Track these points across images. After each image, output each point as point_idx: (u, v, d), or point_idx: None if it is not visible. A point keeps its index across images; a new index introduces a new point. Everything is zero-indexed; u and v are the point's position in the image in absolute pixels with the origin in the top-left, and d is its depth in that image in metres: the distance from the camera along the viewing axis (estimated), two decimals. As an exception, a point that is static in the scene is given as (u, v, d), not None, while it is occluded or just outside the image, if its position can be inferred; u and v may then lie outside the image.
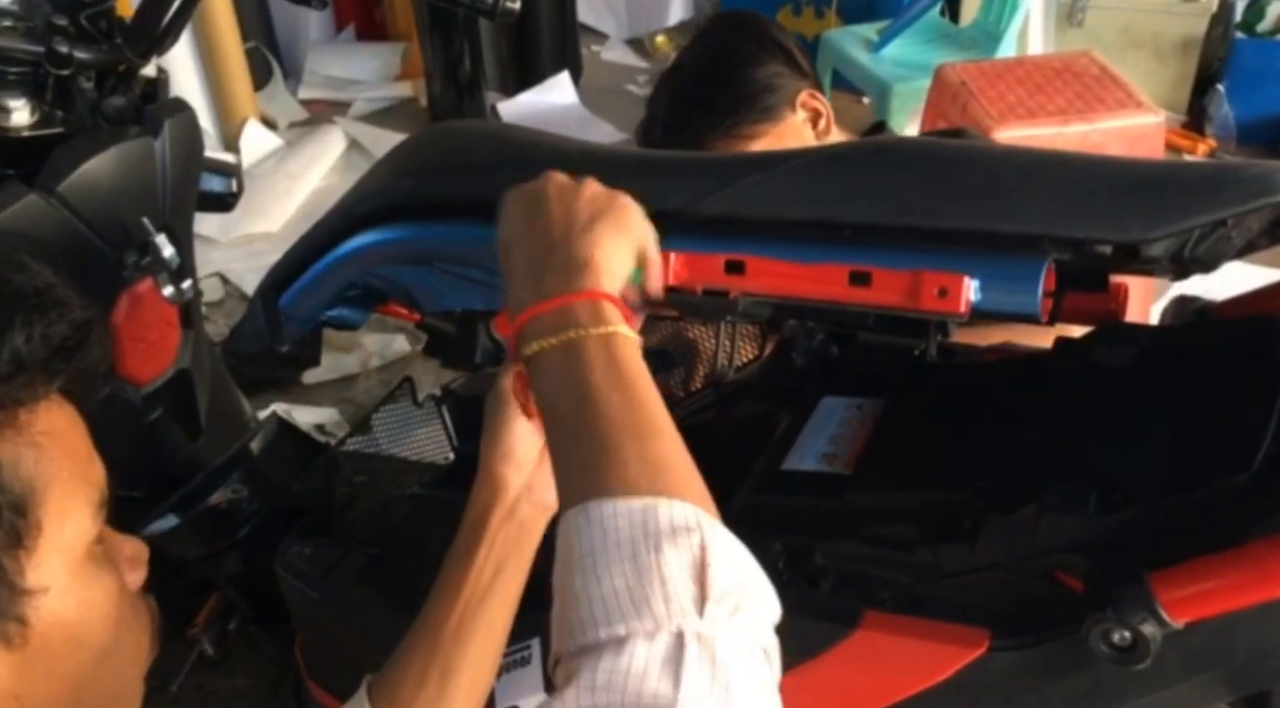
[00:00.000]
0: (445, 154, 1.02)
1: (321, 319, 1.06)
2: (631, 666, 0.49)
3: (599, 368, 0.60)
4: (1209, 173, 0.73)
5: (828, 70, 3.00)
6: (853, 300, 0.75)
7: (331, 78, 3.65)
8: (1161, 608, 0.65)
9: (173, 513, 1.21)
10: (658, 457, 0.56)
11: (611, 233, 0.67)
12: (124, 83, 1.14)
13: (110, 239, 1.09)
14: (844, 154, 0.85)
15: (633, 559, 0.51)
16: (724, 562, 0.53)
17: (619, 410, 0.58)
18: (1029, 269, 0.71)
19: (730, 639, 0.50)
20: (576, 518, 0.54)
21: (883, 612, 0.79)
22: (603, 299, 0.63)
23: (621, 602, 0.50)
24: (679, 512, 0.53)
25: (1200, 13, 2.97)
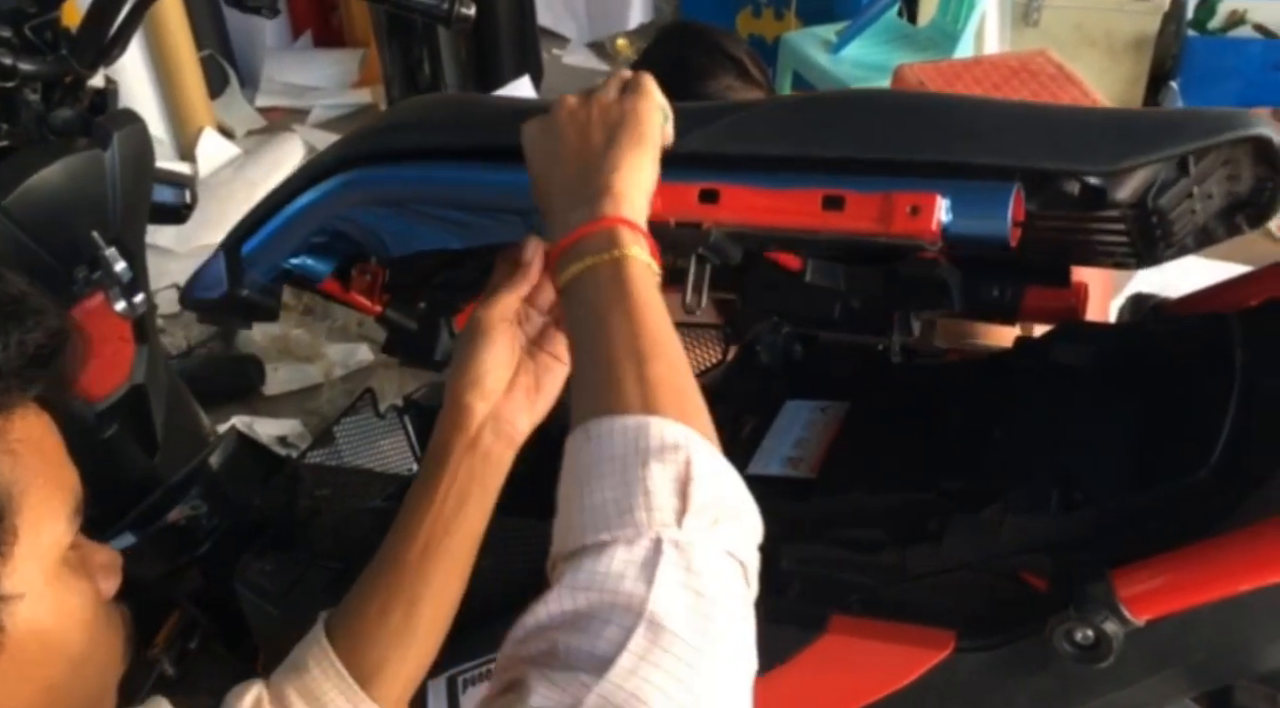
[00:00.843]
0: (421, 109, 1.02)
1: (285, 267, 1.03)
2: (611, 568, 0.52)
3: (608, 292, 0.63)
4: (1173, 113, 0.76)
5: (788, 72, 3.00)
6: (825, 227, 0.75)
7: (289, 85, 3.61)
8: (1123, 606, 0.66)
9: (130, 531, 1.18)
10: (655, 377, 0.59)
11: (630, 148, 0.70)
12: (71, 94, 1.12)
13: (59, 254, 1.07)
14: (820, 96, 0.87)
15: (622, 473, 0.55)
16: (707, 478, 0.55)
17: (621, 334, 0.61)
18: (999, 192, 0.71)
19: (706, 550, 0.53)
20: (578, 437, 0.58)
21: (849, 615, 0.79)
22: (619, 224, 0.66)
23: (608, 511, 0.54)
24: (670, 431, 0.56)
25: (1153, 11, 3.01)
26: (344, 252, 1.04)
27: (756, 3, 3.47)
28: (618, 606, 0.51)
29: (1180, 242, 0.82)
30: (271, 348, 2.41)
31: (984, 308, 0.94)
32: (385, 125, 1.00)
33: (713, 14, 3.58)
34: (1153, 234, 0.78)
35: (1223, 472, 0.68)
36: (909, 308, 0.97)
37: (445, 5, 1.07)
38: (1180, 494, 0.69)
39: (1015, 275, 0.93)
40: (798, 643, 0.78)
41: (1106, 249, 0.84)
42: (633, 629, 0.50)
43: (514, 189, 0.89)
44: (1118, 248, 0.84)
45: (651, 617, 0.50)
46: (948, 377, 0.97)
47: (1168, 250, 0.82)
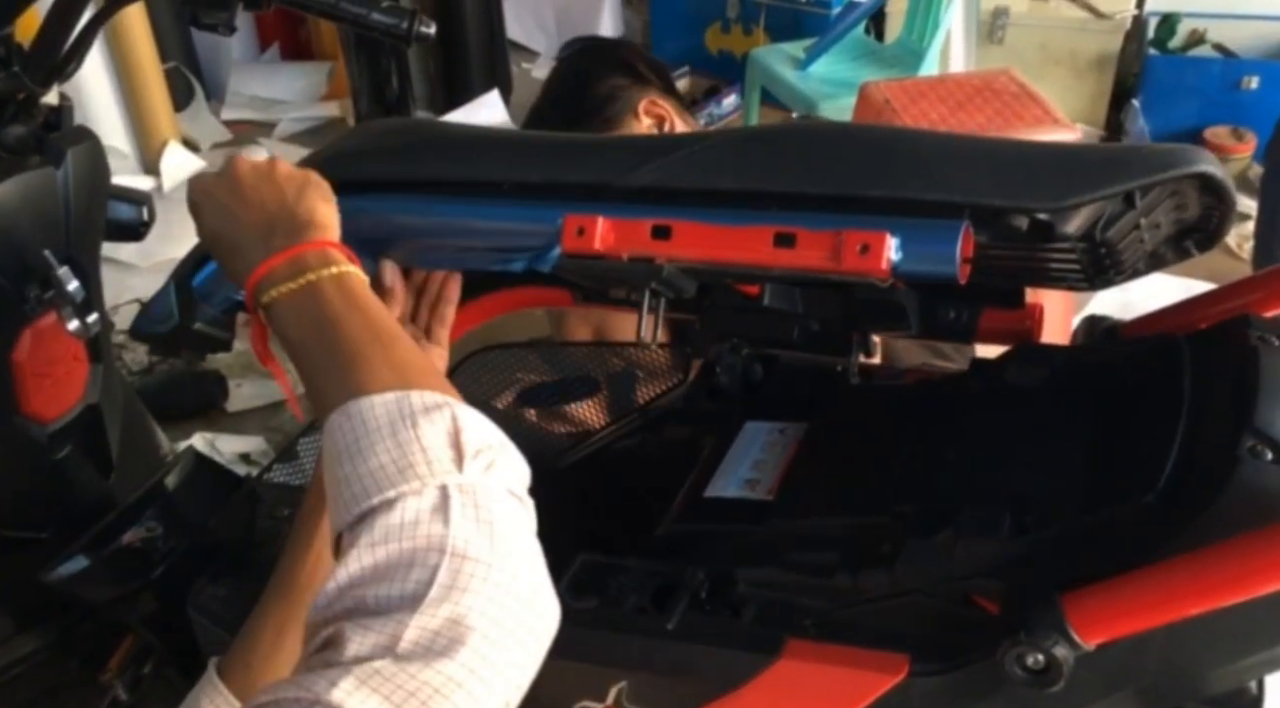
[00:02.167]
0: (375, 137, 1.02)
1: (237, 300, 1.03)
2: (405, 518, 0.54)
3: (336, 299, 0.67)
4: (1118, 150, 0.77)
5: (756, 87, 3.02)
6: (777, 263, 0.76)
7: (256, 98, 3.59)
8: (1073, 630, 0.66)
9: (83, 554, 1.16)
10: (402, 359, 0.63)
11: (320, 199, 0.75)
12: (24, 111, 1.10)
13: (10, 273, 1.05)
14: (772, 131, 0.89)
15: (393, 436, 0.57)
16: (474, 428, 0.59)
17: (361, 328, 0.65)
18: (948, 230, 0.72)
19: (488, 487, 0.57)
20: (337, 418, 0.60)
21: (804, 639, 0.78)
22: (330, 246, 0.70)
23: (389, 472, 0.56)
24: (429, 396, 0.59)
25: (1114, 30, 3.05)
26: None
27: (725, 18, 3.49)
28: (418, 549, 0.53)
29: (1130, 268, 0.82)
30: (235, 364, 2.39)
31: (940, 330, 0.94)
32: (337, 153, 0.99)
33: (681, 29, 3.60)
34: (1102, 263, 0.79)
35: (1170, 495, 0.68)
36: (867, 329, 0.98)
37: (405, 24, 1.07)
38: (1129, 517, 0.69)
39: (971, 298, 0.93)
40: (753, 668, 0.77)
41: (1059, 274, 0.85)
42: (438, 566, 0.52)
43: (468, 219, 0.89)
44: (1070, 274, 0.84)
45: (453, 550, 0.53)
46: (905, 398, 0.97)
47: (1118, 276, 0.82)
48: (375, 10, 1.06)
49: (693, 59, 3.58)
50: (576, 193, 0.83)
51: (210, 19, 1.03)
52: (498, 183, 0.88)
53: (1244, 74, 2.90)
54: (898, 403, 0.96)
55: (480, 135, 0.99)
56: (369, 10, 1.06)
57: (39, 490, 1.21)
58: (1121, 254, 0.78)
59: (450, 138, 0.98)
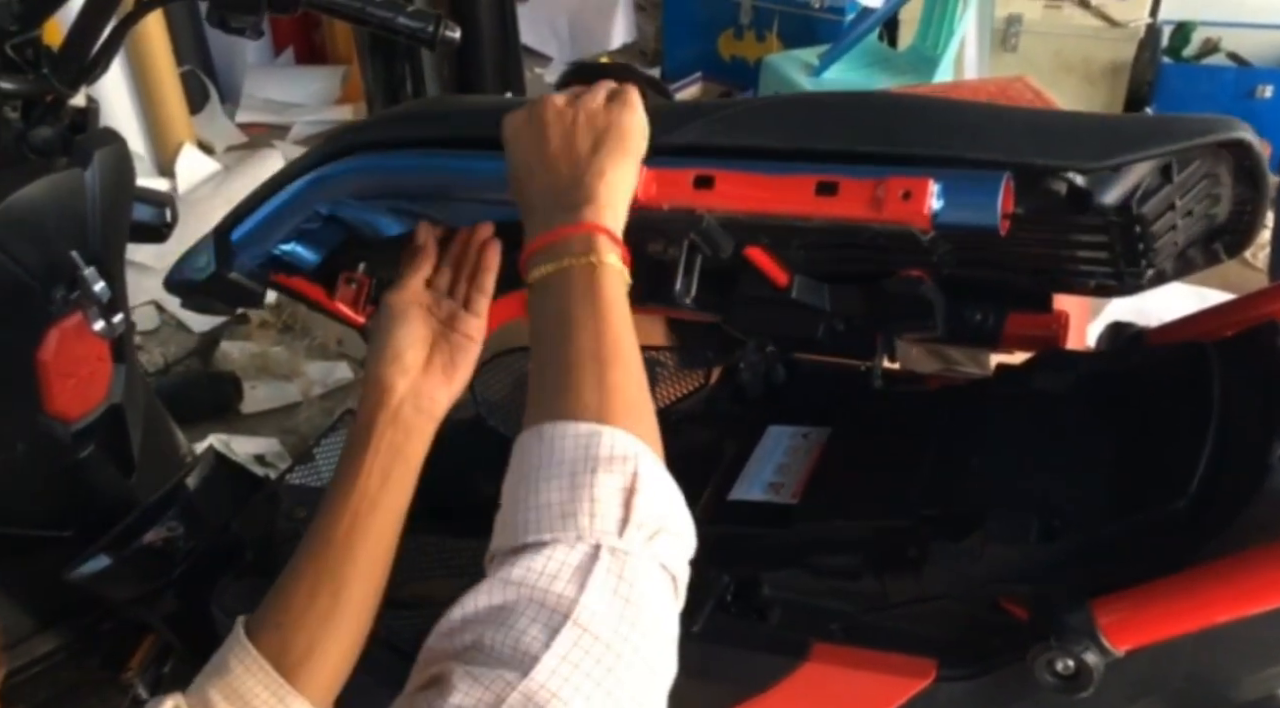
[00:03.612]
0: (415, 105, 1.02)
1: (274, 254, 1.03)
2: (546, 567, 0.54)
3: (579, 295, 0.65)
4: (1160, 116, 0.77)
5: (769, 93, 3.02)
6: (818, 212, 0.76)
7: (270, 101, 3.60)
8: (1103, 636, 0.66)
9: (105, 553, 1.16)
10: (613, 384, 0.61)
11: (616, 157, 0.72)
12: (52, 113, 1.11)
13: (37, 273, 1.06)
14: (817, 95, 0.88)
15: (570, 477, 0.56)
16: (651, 492, 0.57)
17: (588, 337, 0.63)
18: (990, 180, 0.72)
19: (641, 560, 0.55)
20: (530, 438, 0.60)
21: (831, 643, 0.79)
22: (597, 231, 0.68)
23: (553, 513, 0.55)
24: (621, 441, 0.58)
25: (1128, 38, 3.05)
26: (334, 240, 1.04)
27: (738, 25, 3.50)
28: (546, 605, 0.53)
29: (1160, 265, 0.82)
30: (250, 366, 2.40)
31: (966, 332, 0.95)
32: (379, 119, 1.00)
33: (695, 35, 3.61)
34: (1135, 248, 0.79)
35: (1200, 502, 0.69)
36: (892, 329, 0.98)
37: (430, 28, 1.07)
38: (1159, 524, 0.69)
39: (998, 301, 0.93)
40: (779, 670, 0.78)
41: (1089, 270, 0.85)
42: (559, 630, 0.51)
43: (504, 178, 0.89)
44: (1099, 266, 0.84)
45: (578, 619, 0.52)
46: (929, 403, 0.97)
47: (1148, 271, 0.82)
48: (401, 14, 1.07)
49: (705, 65, 3.58)
50: None
51: (238, 23, 1.03)
52: None
53: (1258, 83, 2.90)
54: (922, 407, 0.96)
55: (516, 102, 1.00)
56: (395, 14, 1.07)
57: (61, 490, 1.21)
58: (1155, 238, 0.77)
59: (494, 102, 0.99)
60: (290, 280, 1.07)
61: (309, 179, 0.97)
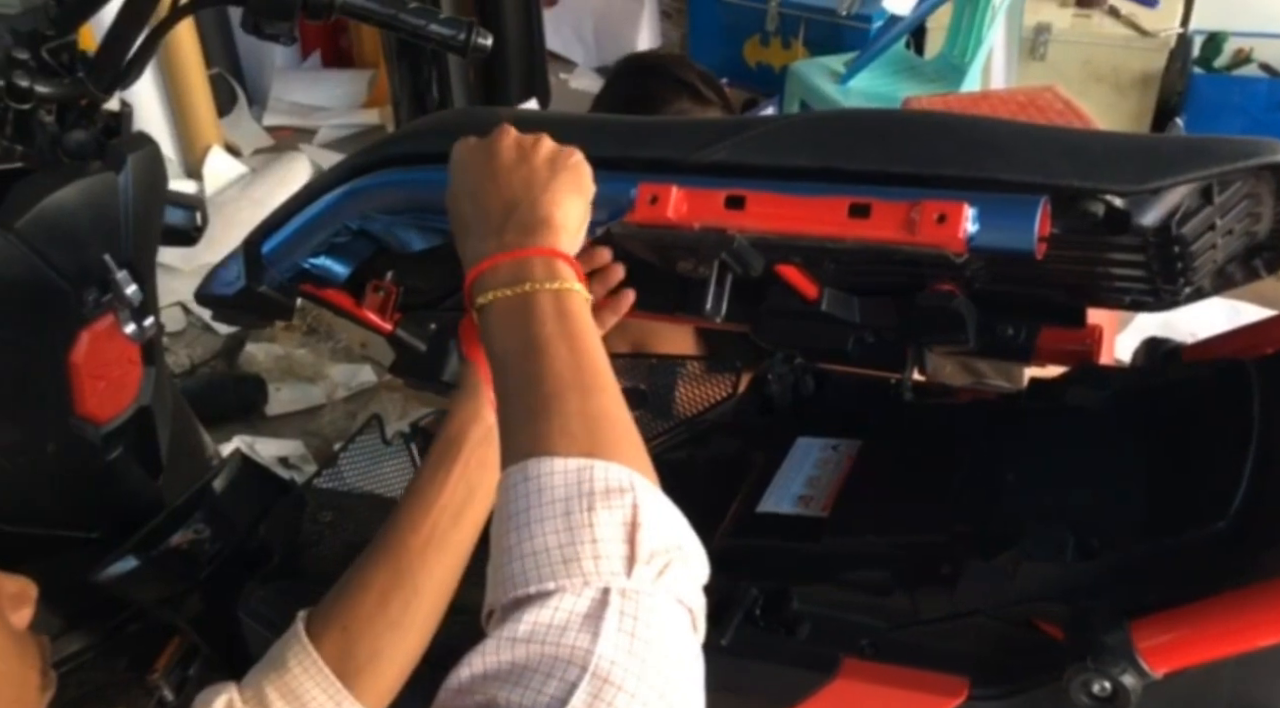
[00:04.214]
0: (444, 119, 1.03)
1: (304, 267, 1.03)
2: (554, 619, 0.50)
3: (549, 321, 0.61)
4: (1200, 138, 0.75)
5: (795, 100, 3.01)
6: (851, 235, 0.75)
7: (297, 104, 3.62)
8: (1141, 658, 0.65)
9: (132, 555, 1.17)
10: (598, 412, 0.57)
11: (570, 191, 0.69)
12: (86, 117, 1.12)
13: (70, 276, 1.06)
14: (848, 113, 0.86)
15: (565, 517, 0.53)
16: (655, 524, 0.53)
17: (565, 364, 0.59)
18: (1027, 204, 0.71)
19: (654, 599, 0.52)
20: (515, 476, 0.55)
21: (861, 659, 0.78)
22: (559, 257, 0.65)
23: (552, 559, 0.52)
24: (614, 473, 0.54)
25: (1159, 48, 3.03)
26: (363, 253, 1.04)
27: (764, 31, 3.49)
28: (560, 659, 0.49)
29: (1198, 282, 0.81)
30: (274, 368, 2.41)
31: (999, 347, 0.94)
32: (408, 132, 1.00)
33: (720, 42, 3.61)
34: (1173, 267, 0.78)
35: (1242, 523, 0.68)
36: (923, 342, 0.97)
37: (462, 35, 1.08)
38: (1199, 545, 0.68)
39: (1030, 315, 0.92)
40: (809, 686, 0.77)
41: (1125, 286, 0.84)
42: (576, 684, 0.48)
43: None
44: (1136, 284, 0.83)
45: (596, 670, 0.49)
46: (960, 417, 0.96)
47: (1186, 289, 0.81)
48: (433, 21, 1.07)
49: (730, 71, 3.58)
50: (648, 166, 0.83)
51: (272, 29, 1.04)
52: None
53: (1290, 94, 2.87)
54: (953, 421, 0.95)
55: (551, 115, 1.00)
56: (427, 21, 1.07)
57: (90, 491, 1.22)
58: (1194, 258, 0.76)
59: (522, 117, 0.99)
60: (319, 289, 1.07)
61: (339, 194, 0.97)
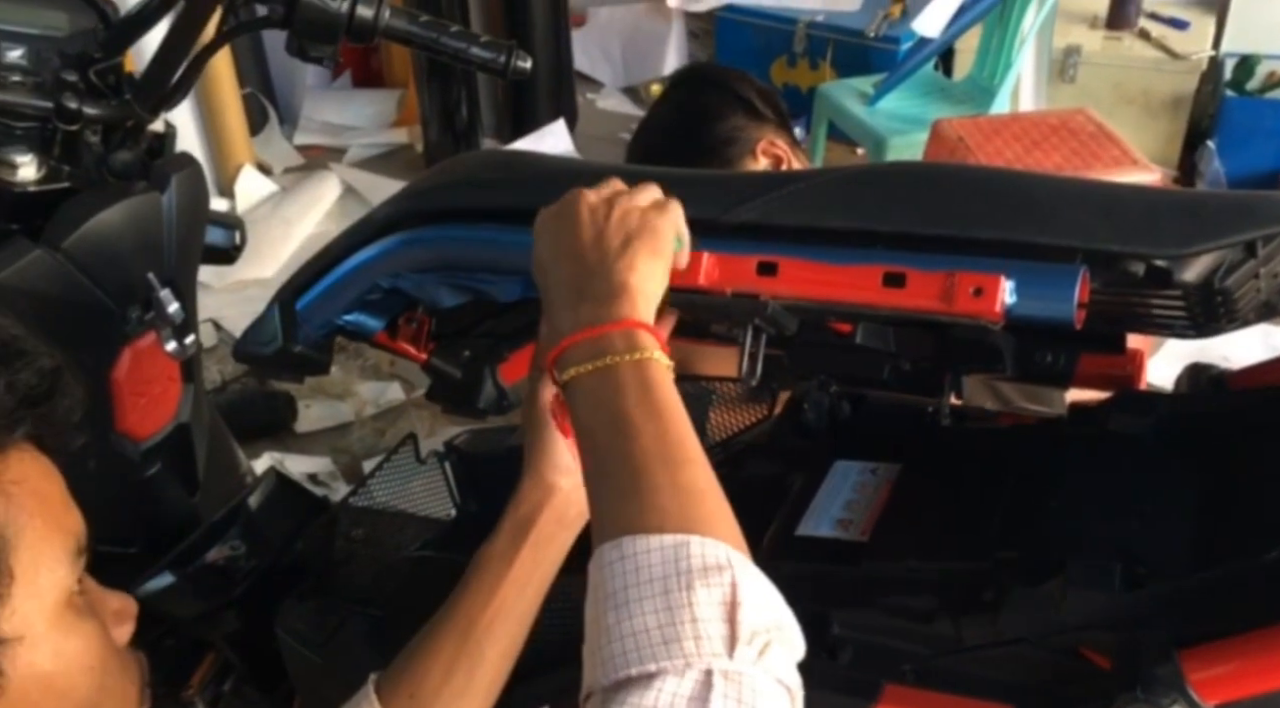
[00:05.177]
0: (472, 169, 1.03)
1: (338, 324, 1.04)
2: (659, 701, 0.50)
3: (632, 394, 0.61)
4: (1241, 197, 0.75)
5: (823, 121, 3.02)
6: (886, 304, 0.74)
7: (327, 124, 3.66)
8: (1192, 689, 0.64)
9: (169, 570, 1.18)
10: (688, 485, 0.58)
11: (646, 255, 0.68)
12: (131, 138, 1.14)
13: (115, 294, 1.08)
14: (877, 170, 0.87)
15: (664, 596, 0.53)
16: (754, 602, 0.54)
17: (652, 438, 0.59)
18: (1065, 274, 0.71)
19: (756, 679, 0.51)
20: (610, 554, 0.55)
21: (903, 685, 0.77)
22: (638, 328, 0.65)
23: (653, 639, 0.52)
24: (710, 550, 0.54)
25: (1190, 71, 3.02)
26: (396, 308, 1.05)
27: (792, 53, 3.51)
28: None
29: (1242, 316, 0.81)
30: (304, 385, 2.43)
31: (1037, 373, 0.93)
32: (436, 184, 1.01)
33: (747, 63, 3.62)
34: (1215, 311, 0.78)
35: (1293, 553, 0.67)
36: (960, 371, 0.97)
37: (502, 58, 1.09)
38: (1249, 574, 0.67)
39: (1070, 342, 0.92)
40: (850, 712, 0.76)
41: (1166, 321, 0.84)
42: None
43: None
44: (1177, 320, 0.83)
45: None
46: (1000, 442, 0.96)
47: (1230, 324, 0.81)
48: (474, 44, 1.09)
49: (758, 92, 3.59)
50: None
51: (317, 52, 1.05)
52: None
53: (1323, 117, 2.85)
54: (994, 447, 0.95)
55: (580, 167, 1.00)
56: (469, 45, 1.08)
57: (128, 506, 1.23)
58: (1236, 303, 0.76)
59: (548, 170, 0.99)
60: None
61: (367, 255, 0.98)
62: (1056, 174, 0.83)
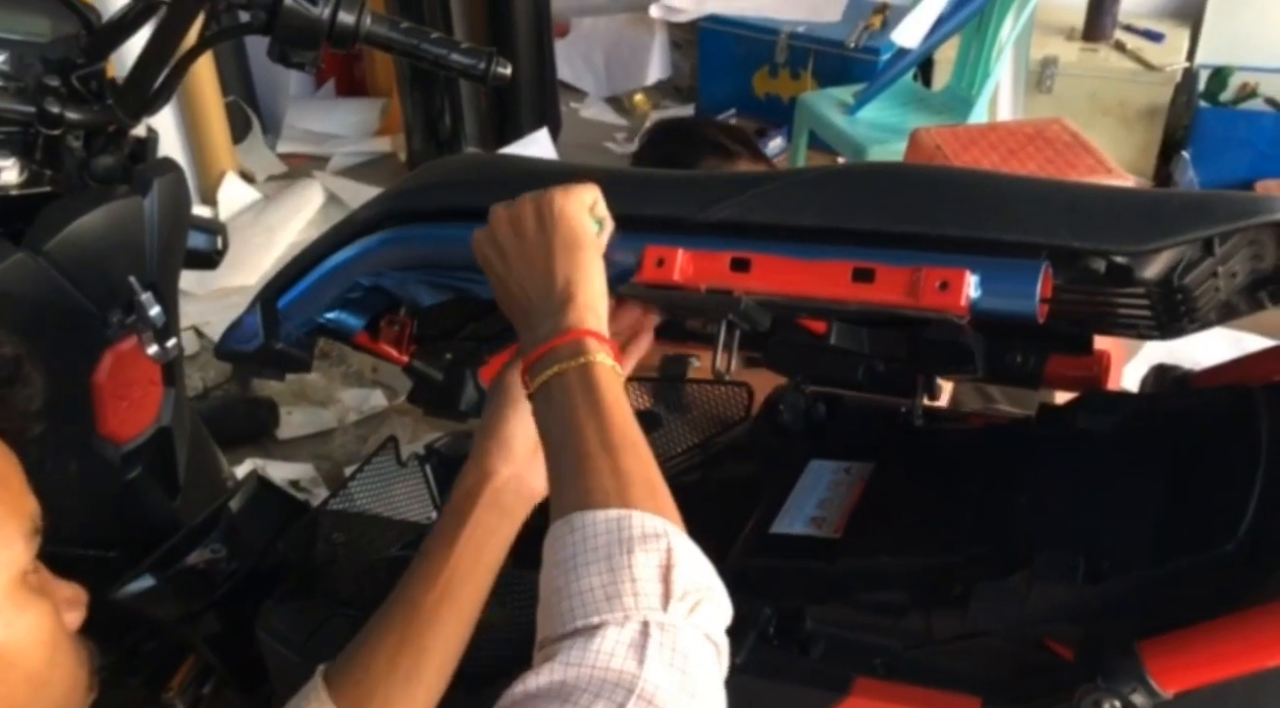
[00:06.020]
0: (454, 171, 1.04)
1: (319, 322, 1.05)
2: (602, 647, 0.56)
3: (578, 395, 0.68)
4: (1200, 196, 0.76)
5: (804, 131, 3.05)
6: (855, 298, 0.77)
7: (310, 132, 3.66)
8: (1151, 678, 0.66)
9: (150, 573, 1.18)
10: (629, 469, 0.65)
11: (569, 256, 0.75)
12: (113, 142, 1.15)
13: (96, 298, 1.09)
14: (849, 170, 0.88)
15: (608, 560, 0.59)
16: (687, 565, 0.60)
17: (594, 430, 0.66)
18: (1028, 269, 0.73)
19: (687, 632, 0.58)
20: (561, 528, 0.63)
21: (874, 679, 0.79)
22: (585, 335, 0.71)
23: (597, 597, 0.58)
24: (649, 522, 0.61)
25: (1165, 82, 3.06)
26: (377, 306, 1.06)
27: (773, 63, 3.53)
28: (608, 681, 0.55)
29: (1203, 317, 0.83)
30: (286, 391, 2.43)
31: (1007, 374, 0.95)
32: (418, 185, 1.02)
33: (729, 73, 3.65)
34: (1177, 309, 0.80)
35: (1251, 544, 0.69)
36: (932, 372, 0.99)
37: (482, 65, 1.10)
38: (1208, 566, 0.69)
39: (1038, 343, 0.94)
40: (822, 705, 0.78)
41: (1130, 321, 0.85)
42: (624, 704, 0.54)
43: None
44: (1141, 320, 0.85)
45: (641, 692, 0.54)
46: (971, 441, 0.97)
47: (1191, 324, 0.83)
48: (455, 51, 1.10)
49: (739, 102, 3.62)
50: (655, 225, 0.85)
51: (299, 58, 1.06)
52: None
53: (1296, 128, 2.90)
54: (965, 446, 0.96)
55: (559, 168, 1.01)
56: (449, 51, 1.09)
57: (109, 510, 1.24)
58: (1197, 301, 0.78)
59: (530, 170, 1.00)
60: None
61: (350, 253, 0.99)
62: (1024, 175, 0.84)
